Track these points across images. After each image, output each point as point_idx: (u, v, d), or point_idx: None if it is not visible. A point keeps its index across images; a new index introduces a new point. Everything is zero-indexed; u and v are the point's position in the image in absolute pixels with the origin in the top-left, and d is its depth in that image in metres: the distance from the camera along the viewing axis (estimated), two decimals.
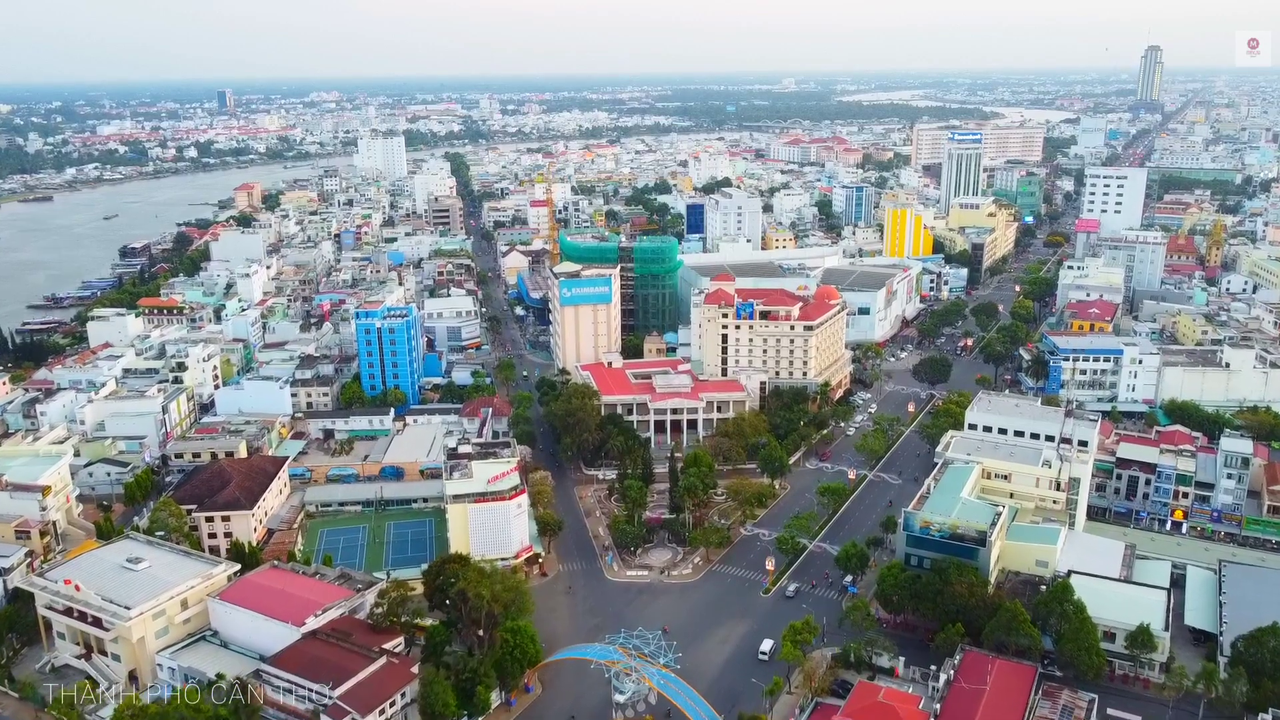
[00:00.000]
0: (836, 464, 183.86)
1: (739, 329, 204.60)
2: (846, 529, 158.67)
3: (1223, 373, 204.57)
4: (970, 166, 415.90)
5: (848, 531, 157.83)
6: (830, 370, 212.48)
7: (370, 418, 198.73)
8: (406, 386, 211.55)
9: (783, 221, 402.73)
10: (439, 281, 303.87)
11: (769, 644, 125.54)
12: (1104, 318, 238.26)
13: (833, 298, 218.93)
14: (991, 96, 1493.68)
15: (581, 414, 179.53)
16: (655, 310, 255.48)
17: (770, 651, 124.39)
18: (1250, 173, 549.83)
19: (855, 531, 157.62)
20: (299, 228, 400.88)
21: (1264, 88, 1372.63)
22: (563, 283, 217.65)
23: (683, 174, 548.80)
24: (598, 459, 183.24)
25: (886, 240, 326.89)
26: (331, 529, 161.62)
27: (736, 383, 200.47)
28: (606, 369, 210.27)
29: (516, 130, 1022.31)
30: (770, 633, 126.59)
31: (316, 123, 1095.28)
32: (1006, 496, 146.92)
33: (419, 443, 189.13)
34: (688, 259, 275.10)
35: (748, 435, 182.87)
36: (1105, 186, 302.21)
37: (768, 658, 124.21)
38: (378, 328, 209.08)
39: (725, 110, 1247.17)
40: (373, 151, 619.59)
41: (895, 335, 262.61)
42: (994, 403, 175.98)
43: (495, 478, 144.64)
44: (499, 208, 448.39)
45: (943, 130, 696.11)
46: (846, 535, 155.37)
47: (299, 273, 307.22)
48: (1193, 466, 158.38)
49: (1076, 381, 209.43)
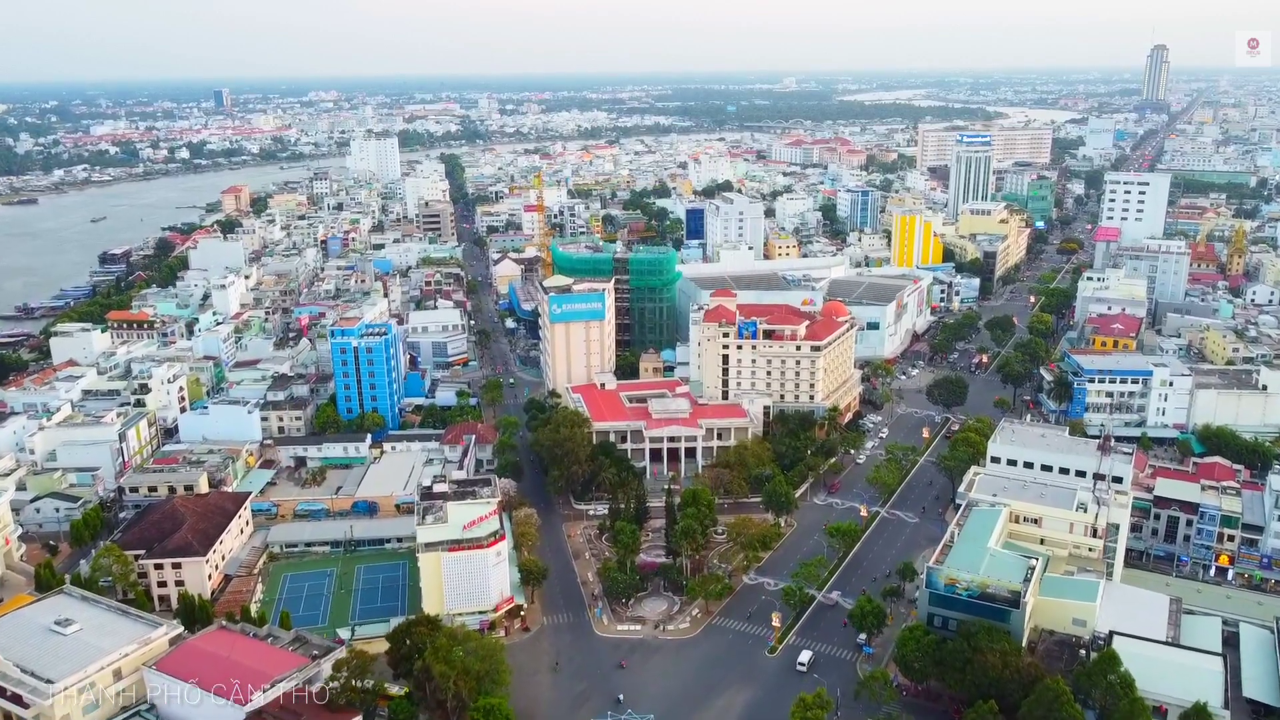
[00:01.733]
0: (846, 498, 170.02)
1: (741, 349, 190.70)
2: (859, 575, 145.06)
3: (1259, 396, 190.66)
4: (980, 170, 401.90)
5: (860, 577, 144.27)
6: (839, 393, 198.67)
7: (345, 444, 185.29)
8: (385, 410, 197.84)
9: (785, 227, 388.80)
10: (426, 292, 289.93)
11: (807, 655, 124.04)
12: (1128, 333, 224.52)
13: (840, 314, 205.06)
14: (994, 96, 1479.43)
15: (570, 444, 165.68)
16: (652, 325, 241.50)
17: (809, 663, 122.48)
18: (1265, 175, 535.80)
19: (868, 578, 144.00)
20: (285, 233, 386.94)
21: (1268, 87, 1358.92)
22: (552, 298, 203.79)
23: (682, 176, 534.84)
24: (588, 492, 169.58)
25: (894, 248, 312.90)
26: (296, 573, 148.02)
27: (738, 407, 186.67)
28: (599, 391, 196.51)
29: (515, 130, 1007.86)
30: (776, 706, 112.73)
31: (312, 123, 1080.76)
32: (1036, 542, 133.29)
33: (396, 473, 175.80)
34: (687, 270, 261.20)
35: (750, 466, 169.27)
36: (1126, 193, 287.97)
37: (806, 668, 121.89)
38: (354, 347, 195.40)
39: (726, 110, 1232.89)
40: (365, 153, 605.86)
41: (905, 351, 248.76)
42: (1018, 433, 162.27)
43: (472, 522, 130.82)
44: (493, 212, 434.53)
45: (948, 131, 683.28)
46: (859, 582, 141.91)
47: (280, 282, 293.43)
48: (1239, 506, 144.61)
49: (1101, 405, 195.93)
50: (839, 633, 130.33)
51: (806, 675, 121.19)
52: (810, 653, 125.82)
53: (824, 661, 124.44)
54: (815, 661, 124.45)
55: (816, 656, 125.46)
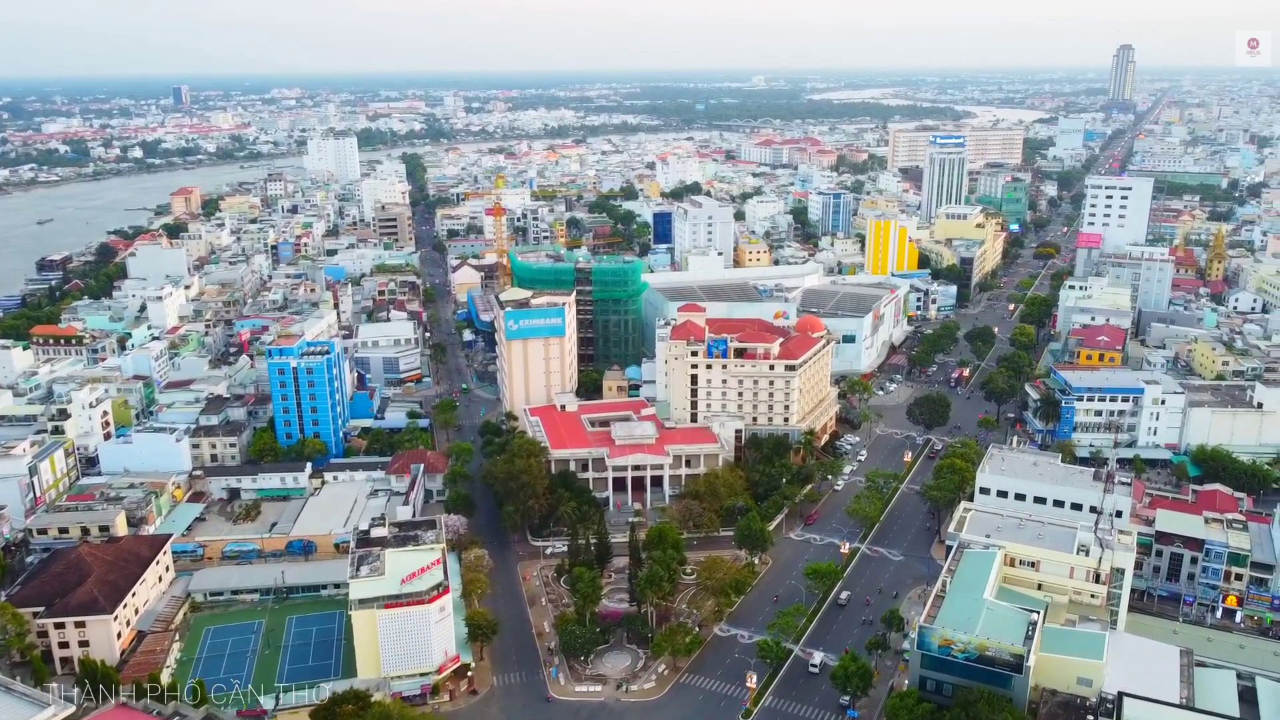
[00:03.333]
0: (824, 531, 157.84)
1: (710, 368, 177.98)
2: (840, 622, 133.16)
3: (1255, 414, 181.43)
4: (953, 172, 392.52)
5: (842, 624, 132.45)
6: (815, 413, 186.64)
7: (283, 474, 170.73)
8: (328, 435, 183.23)
9: (756, 230, 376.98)
10: (378, 302, 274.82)
11: (820, 656, 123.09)
12: (1114, 346, 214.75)
13: (816, 329, 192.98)
14: (962, 95, 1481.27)
15: (527, 476, 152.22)
16: (617, 339, 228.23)
17: (821, 665, 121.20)
18: (1235, 176, 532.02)
19: (850, 625, 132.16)
20: (235, 238, 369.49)
21: (1229, 87, 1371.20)
22: (508, 314, 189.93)
23: (650, 177, 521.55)
24: (546, 527, 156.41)
25: (869, 254, 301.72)
26: (220, 626, 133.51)
27: (708, 431, 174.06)
28: (559, 414, 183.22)
29: (480, 129, 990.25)
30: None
31: (272, 121, 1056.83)
32: (1034, 588, 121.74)
33: (337, 507, 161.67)
34: (653, 280, 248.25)
35: (722, 496, 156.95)
36: (1107, 198, 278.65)
37: (818, 670, 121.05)
38: (293, 367, 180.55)
39: (694, 109, 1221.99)
40: (323, 153, 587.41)
41: (883, 364, 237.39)
42: (1008, 461, 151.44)
43: (413, 574, 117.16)
44: (453, 215, 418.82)
45: (919, 131, 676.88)
46: (840, 631, 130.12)
47: (223, 292, 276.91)
48: (1246, 542, 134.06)
49: (1090, 424, 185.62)
50: (820, 693, 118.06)
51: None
52: (822, 654, 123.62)
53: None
54: (826, 665, 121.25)
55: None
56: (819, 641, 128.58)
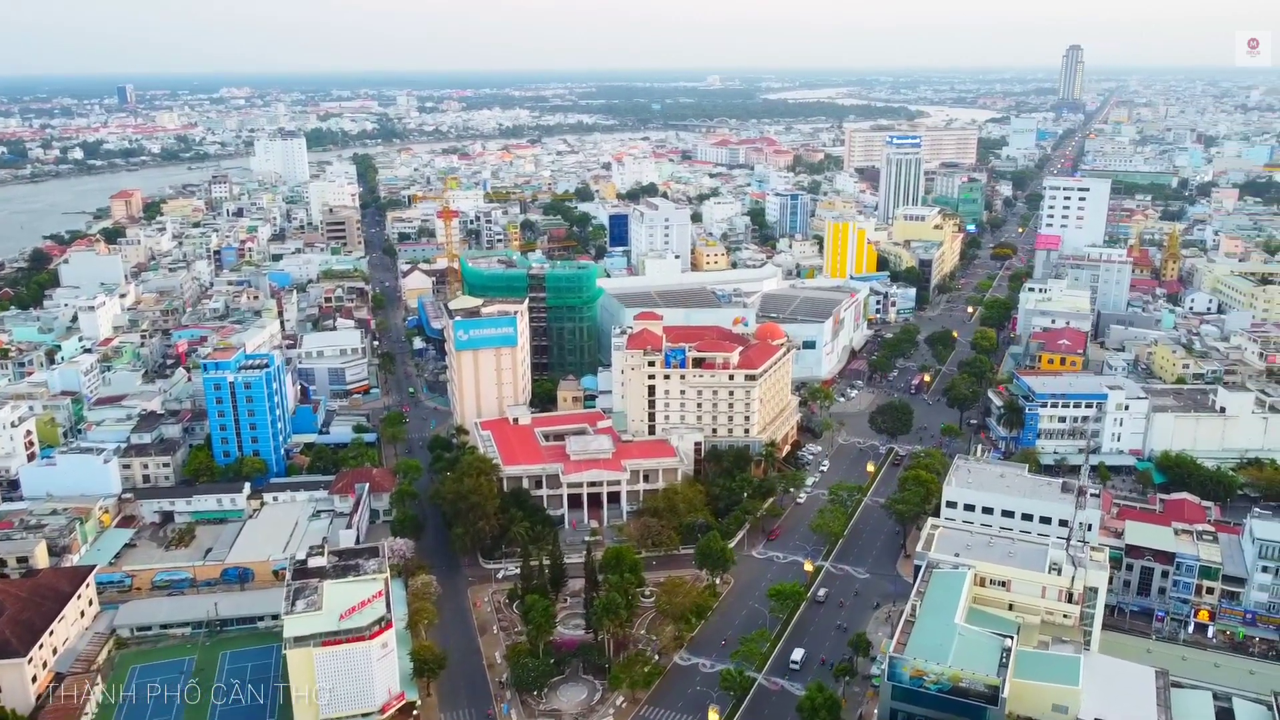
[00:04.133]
0: (787, 548, 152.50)
1: (668, 379, 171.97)
2: (806, 645, 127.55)
3: (1218, 419, 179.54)
4: (910, 172, 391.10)
5: (807, 648, 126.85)
6: (776, 424, 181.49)
7: (220, 496, 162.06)
8: (268, 453, 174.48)
9: (713, 232, 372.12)
10: (324, 310, 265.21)
11: (800, 653, 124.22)
12: (1075, 350, 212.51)
13: (776, 336, 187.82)
14: (915, 95, 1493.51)
15: (476, 496, 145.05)
16: (572, 347, 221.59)
17: (802, 661, 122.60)
18: (1185, 175, 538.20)
19: (816, 646, 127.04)
20: (176, 243, 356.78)
21: (1175, 87, 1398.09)
22: (457, 323, 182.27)
23: (606, 178, 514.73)
24: (498, 549, 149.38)
25: (827, 257, 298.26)
26: (147, 664, 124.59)
27: (666, 444, 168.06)
28: (511, 427, 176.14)
29: (434, 129, 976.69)
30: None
31: (220, 121, 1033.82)
32: (1005, 608, 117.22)
33: (276, 530, 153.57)
34: (609, 285, 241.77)
35: (681, 513, 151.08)
36: (1065, 199, 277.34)
37: (799, 667, 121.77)
38: (230, 382, 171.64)
39: (650, 108, 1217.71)
40: (271, 154, 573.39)
41: (843, 370, 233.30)
42: (974, 473, 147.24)
43: (352, 609, 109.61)
44: (404, 218, 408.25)
45: (875, 132, 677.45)
46: (806, 656, 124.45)
47: (161, 301, 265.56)
48: (1217, 555, 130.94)
49: (1054, 431, 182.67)
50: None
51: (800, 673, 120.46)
52: (803, 650, 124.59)
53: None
54: (808, 660, 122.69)
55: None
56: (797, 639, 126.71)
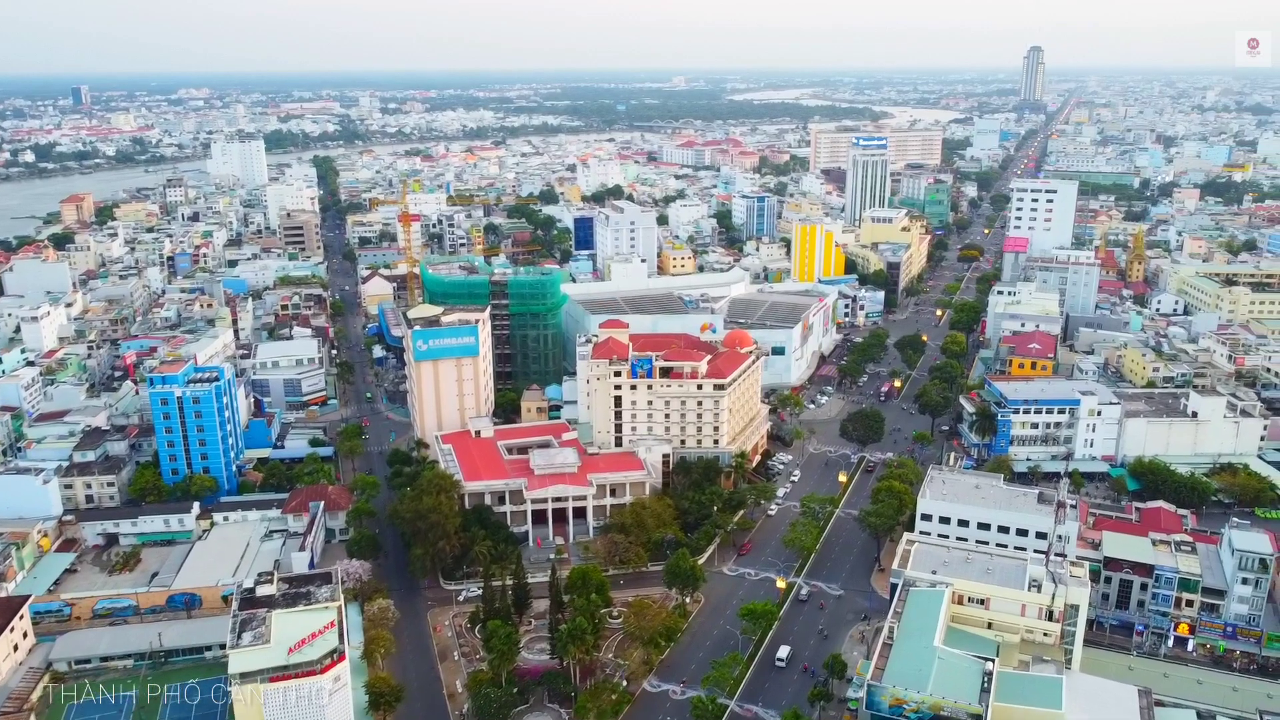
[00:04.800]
0: (759, 564, 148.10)
1: (635, 389, 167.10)
2: (779, 667, 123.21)
3: (1190, 424, 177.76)
4: (877, 174, 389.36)
5: (781, 671, 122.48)
6: (745, 433, 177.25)
7: (168, 516, 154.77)
8: (218, 470, 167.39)
9: (679, 235, 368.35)
10: (280, 318, 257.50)
11: (786, 650, 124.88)
12: (1046, 354, 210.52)
13: (745, 344, 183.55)
14: (878, 95, 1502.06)
15: (436, 515, 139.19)
16: (536, 356, 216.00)
17: (788, 659, 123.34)
18: (1146, 175, 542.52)
19: (790, 668, 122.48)
20: (128, 249, 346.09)
21: (1133, 88, 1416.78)
22: (416, 333, 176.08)
23: (570, 181, 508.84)
24: (460, 568, 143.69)
25: (795, 260, 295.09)
26: (86, 702, 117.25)
27: (634, 456, 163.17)
28: (473, 440, 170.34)
29: (397, 130, 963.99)
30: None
31: (177, 122, 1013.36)
32: (983, 626, 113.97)
33: (226, 552, 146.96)
34: (574, 291, 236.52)
35: (650, 528, 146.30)
36: (1033, 201, 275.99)
37: (785, 664, 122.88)
38: (178, 397, 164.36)
39: (616, 109, 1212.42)
40: (228, 156, 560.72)
41: (813, 376, 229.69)
42: (949, 484, 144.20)
43: (301, 642, 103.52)
44: (365, 221, 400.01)
45: (840, 133, 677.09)
46: (780, 679, 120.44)
47: (110, 310, 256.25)
48: (1196, 566, 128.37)
49: (1027, 437, 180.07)
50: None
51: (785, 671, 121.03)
52: (789, 647, 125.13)
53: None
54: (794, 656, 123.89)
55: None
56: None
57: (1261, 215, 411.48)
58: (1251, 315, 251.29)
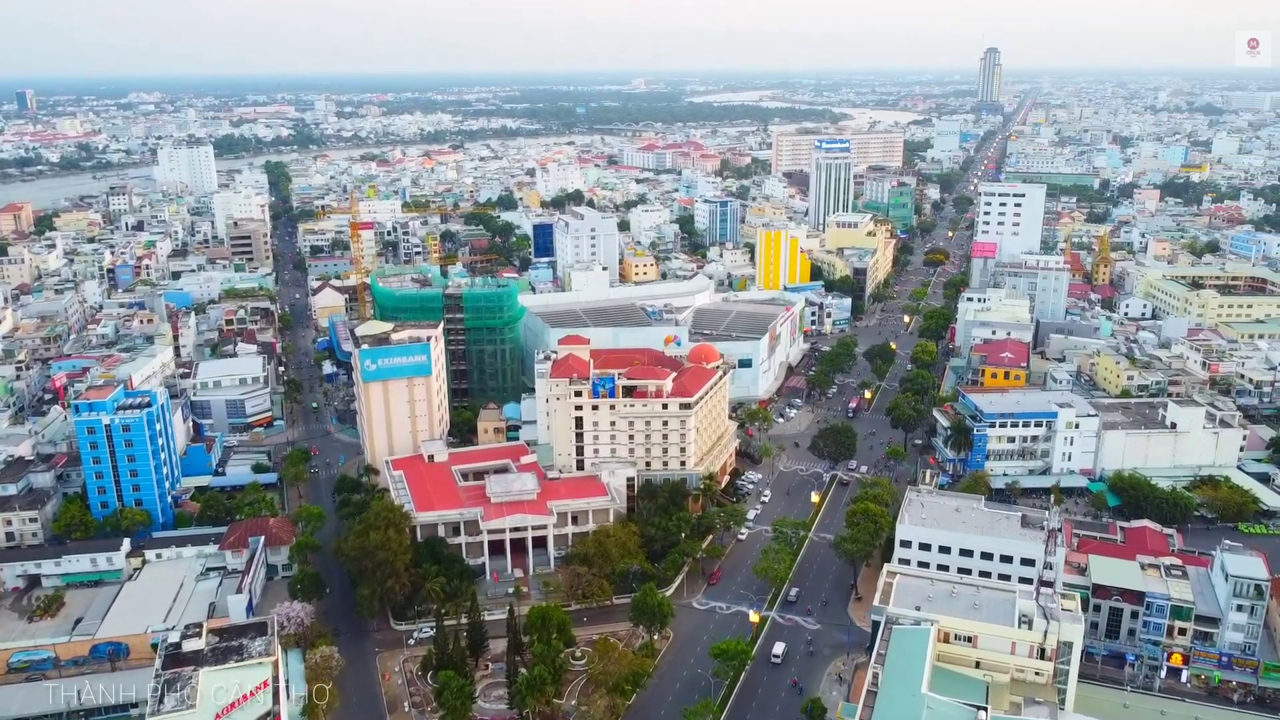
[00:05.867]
0: (730, 595, 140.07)
1: (597, 409, 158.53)
2: (754, 713, 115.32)
3: (1169, 435, 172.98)
4: (840, 177, 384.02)
5: (756, 714, 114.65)
6: (714, 453, 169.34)
7: (95, 555, 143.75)
8: (152, 502, 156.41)
9: (641, 241, 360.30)
10: (225, 333, 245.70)
11: (781, 647, 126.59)
12: (1019, 363, 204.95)
13: (711, 358, 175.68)
14: (837, 97, 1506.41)
15: (384, 553, 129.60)
16: (494, 372, 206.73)
17: (783, 655, 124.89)
18: (1106, 176, 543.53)
19: (764, 717, 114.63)
20: (67, 261, 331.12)
21: (1086, 89, 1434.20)
22: (363, 353, 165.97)
23: (530, 186, 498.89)
24: (411, 606, 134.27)
25: (760, 267, 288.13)
26: None
27: (596, 481, 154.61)
28: (426, 465, 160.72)
29: (353, 135, 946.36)
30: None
31: (126, 127, 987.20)
32: (971, 665, 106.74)
33: (158, 594, 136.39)
34: (532, 303, 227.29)
35: (614, 559, 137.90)
36: (1001, 205, 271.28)
37: (780, 660, 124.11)
38: (106, 424, 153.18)
39: (575, 112, 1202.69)
40: (176, 162, 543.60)
41: (781, 388, 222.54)
42: (928, 507, 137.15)
43: (231, 705, 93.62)
44: (316, 230, 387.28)
45: (802, 135, 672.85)
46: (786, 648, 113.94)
47: (42, 327, 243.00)
48: (1188, 593, 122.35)
49: (1003, 451, 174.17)
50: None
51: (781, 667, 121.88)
52: (784, 644, 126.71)
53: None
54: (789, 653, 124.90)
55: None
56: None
57: (1221, 216, 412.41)
58: (1220, 319, 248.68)
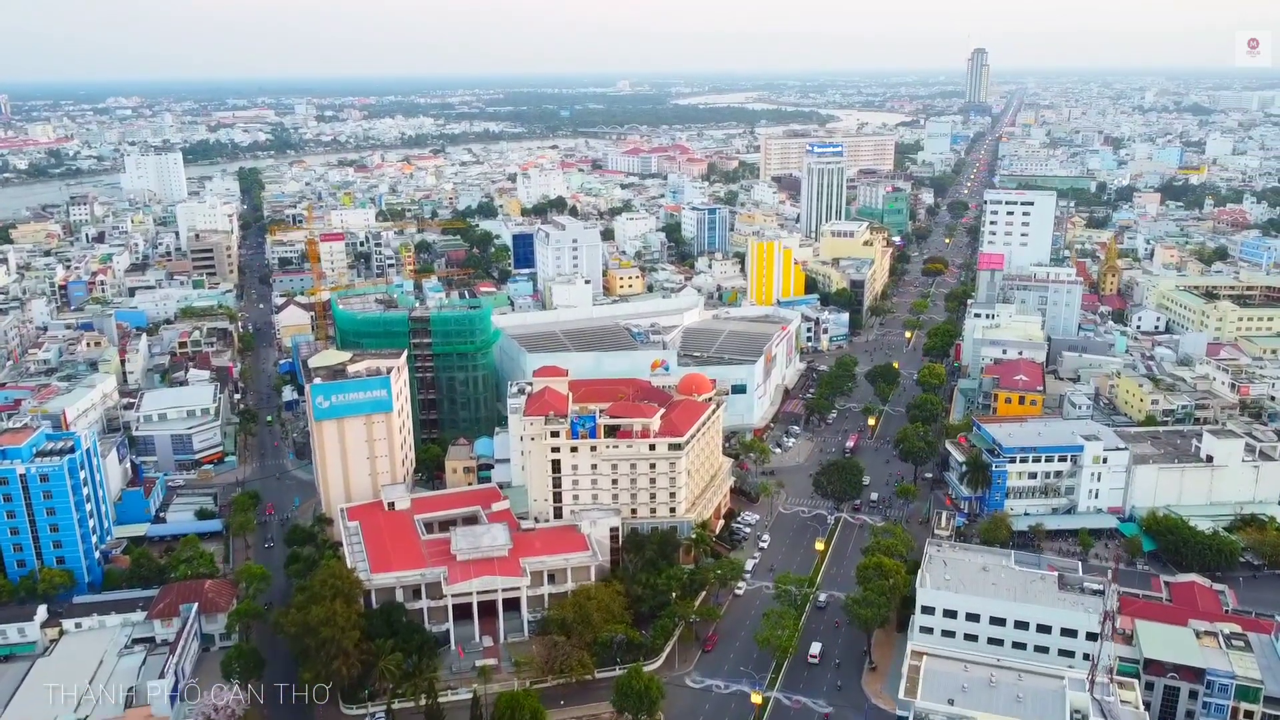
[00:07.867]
0: (727, 668, 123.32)
1: (576, 451, 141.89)
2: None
3: (1205, 469, 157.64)
4: (833, 182, 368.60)
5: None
6: (707, 495, 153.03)
7: (5, 625, 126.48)
8: (75, 560, 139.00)
9: (627, 251, 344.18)
10: (177, 357, 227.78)
11: (818, 646, 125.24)
12: (1034, 386, 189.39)
13: (703, 389, 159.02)
14: (823, 99, 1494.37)
15: (330, 630, 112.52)
16: (465, 402, 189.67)
17: (820, 654, 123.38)
18: (1101, 179, 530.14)
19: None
20: (17, 277, 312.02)
21: (1072, 90, 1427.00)
22: (315, 388, 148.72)
23: (511, 193, 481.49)
24: (364, 686, 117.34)
25: (752, 281, 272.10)
26: None
27: (576, 532, 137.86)
28: (385, 515, 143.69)
29: (332, 139, 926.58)
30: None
31: (100, 133, 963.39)
32: None
33: (73, 672, 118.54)
34: (507, 324, 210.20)
35: (595, 625, 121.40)
36: (1008, 214, 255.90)
37: (818, 660, 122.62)
38: (20, 475, 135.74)
39: (559, 115, 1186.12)
40: (143, 170, 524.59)
41: (777, 414, 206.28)
42: (951, 565, 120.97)
43: None
44: (285, 240, 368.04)
45: (790, 138, 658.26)
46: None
47: None
48: (1255, 669, 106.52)
49: (1024, 489, 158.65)
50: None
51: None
52: (820, 644, 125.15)
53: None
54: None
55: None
56: None
57: (1226, 220, 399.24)
58: (1240, 333, 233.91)
